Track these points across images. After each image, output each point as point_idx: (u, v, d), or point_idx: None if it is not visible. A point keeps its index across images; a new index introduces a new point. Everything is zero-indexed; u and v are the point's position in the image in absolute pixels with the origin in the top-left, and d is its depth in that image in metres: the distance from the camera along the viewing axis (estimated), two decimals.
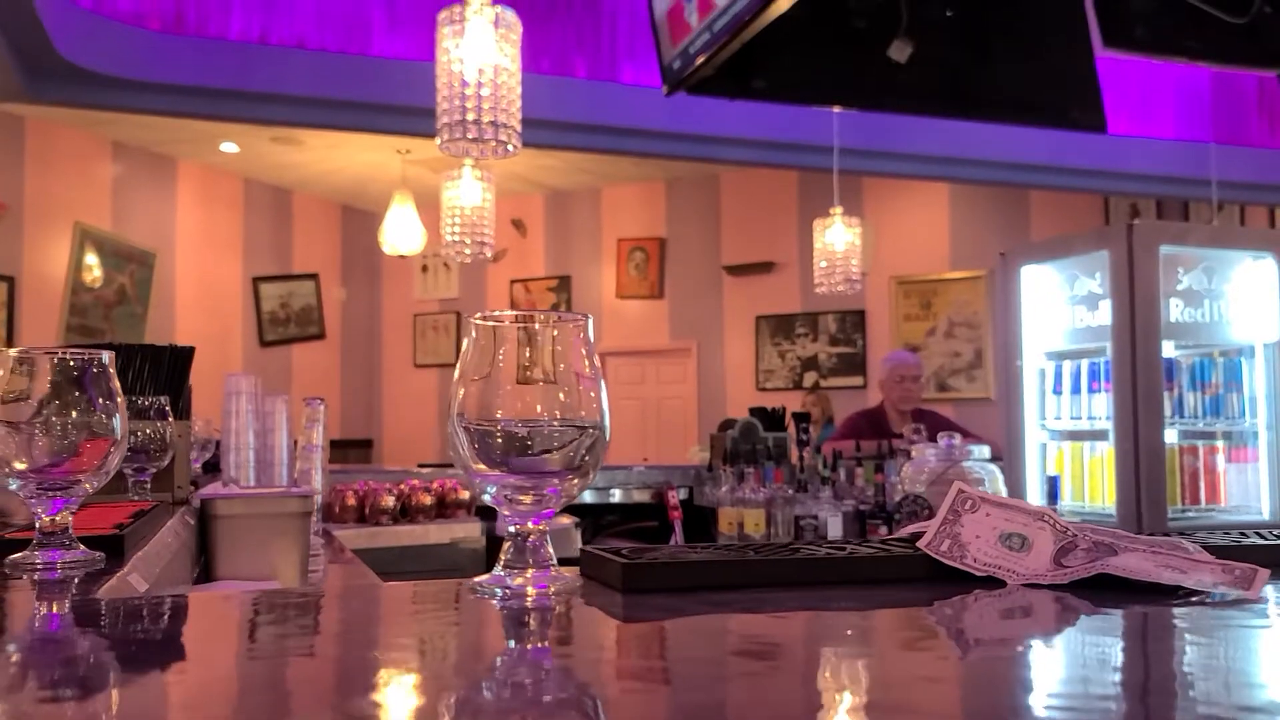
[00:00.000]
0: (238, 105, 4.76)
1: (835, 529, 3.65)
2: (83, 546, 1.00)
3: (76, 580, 0.94)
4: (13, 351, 1.01)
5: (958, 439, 2.81)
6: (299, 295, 8.43)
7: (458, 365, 0.80)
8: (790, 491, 3.73)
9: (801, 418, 4.12)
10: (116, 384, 1.03)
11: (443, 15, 2.70)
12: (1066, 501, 3.07)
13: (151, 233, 7.35)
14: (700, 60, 3.43)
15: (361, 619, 0.78)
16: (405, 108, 4.81)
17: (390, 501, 3.47)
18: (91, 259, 6.91)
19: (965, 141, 5.30)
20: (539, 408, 0.77)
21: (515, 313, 0.79)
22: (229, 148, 7.32)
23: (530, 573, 0.76)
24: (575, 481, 0.78)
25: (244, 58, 4.59)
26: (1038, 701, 0.50)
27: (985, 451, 2.81)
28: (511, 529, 0.78)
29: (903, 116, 4.71)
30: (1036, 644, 0.65)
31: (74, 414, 1.00)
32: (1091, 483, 3.06)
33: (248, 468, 2.97)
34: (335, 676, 0.58)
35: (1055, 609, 0.71)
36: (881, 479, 3.60)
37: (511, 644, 0.66)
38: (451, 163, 7.45)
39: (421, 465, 4.53)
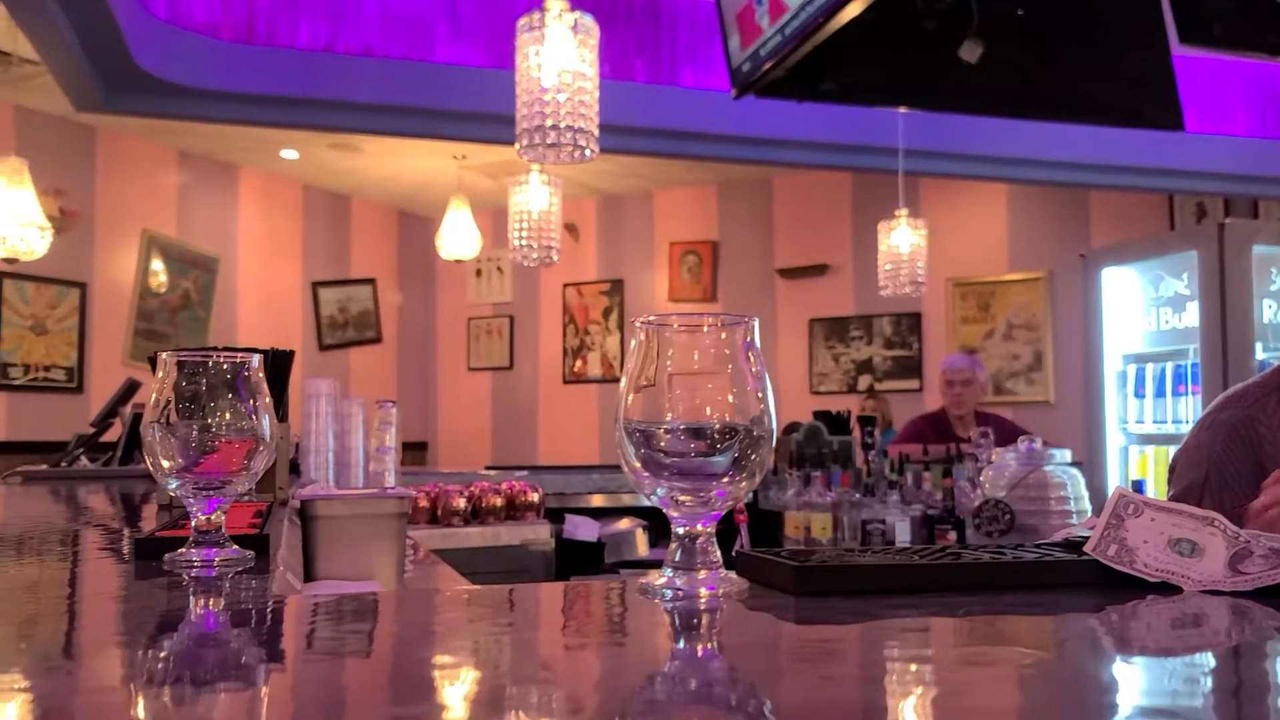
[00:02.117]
0: (305, 113, 4.84)
1: (903, 534, 3.62)
2: (235, 545, 1.03)
3: (230, 576, 0.97)
4: (168, 355, 1.03)
5: (1039, 443, 2.78)
6: (356, 300, 8.54)
7: (623, 368, 0.81)
8: (857, 495, 3.71)
9: (866, 421, 4.09)
10: (265, 387, 1.06)
11: (522, 22, 2.73)
12: None
13: (214, 238, 7.49)
14: (771, 63, 3.43)
15: (535, 617, 0.79)
16: (467, 113, 4.86)
17: (461, 503, 3.50)
18: (157, 265, 7.06)
19: (1028, 141, 5.24)
20: (707, 410, 0.78)
21: (681, 314, 0.80)
22: (289, 155, 7.44)
23: (700, 574, 0.77)
24: (743, 483, 0.78)
25: (311, 66, 4.67)
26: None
27: (1067, 455, 2.78)
28: (680, 530, 0.79)
29: (964, 117, 4.68)
30: (1234, 652, 0.65)
31: (227, 416, 1.03)
32: None
33: (327, 469, 3.02)
34: (555, 665, 0.59)
35: (1242, 617, 0.70)
36: (950, 483, 3.56)
37: (684, 644, 0.67)
38: (508, 168, 7.53)
39: (489, 467, 4.57)
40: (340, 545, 1.92)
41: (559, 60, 2.71)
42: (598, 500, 4.16)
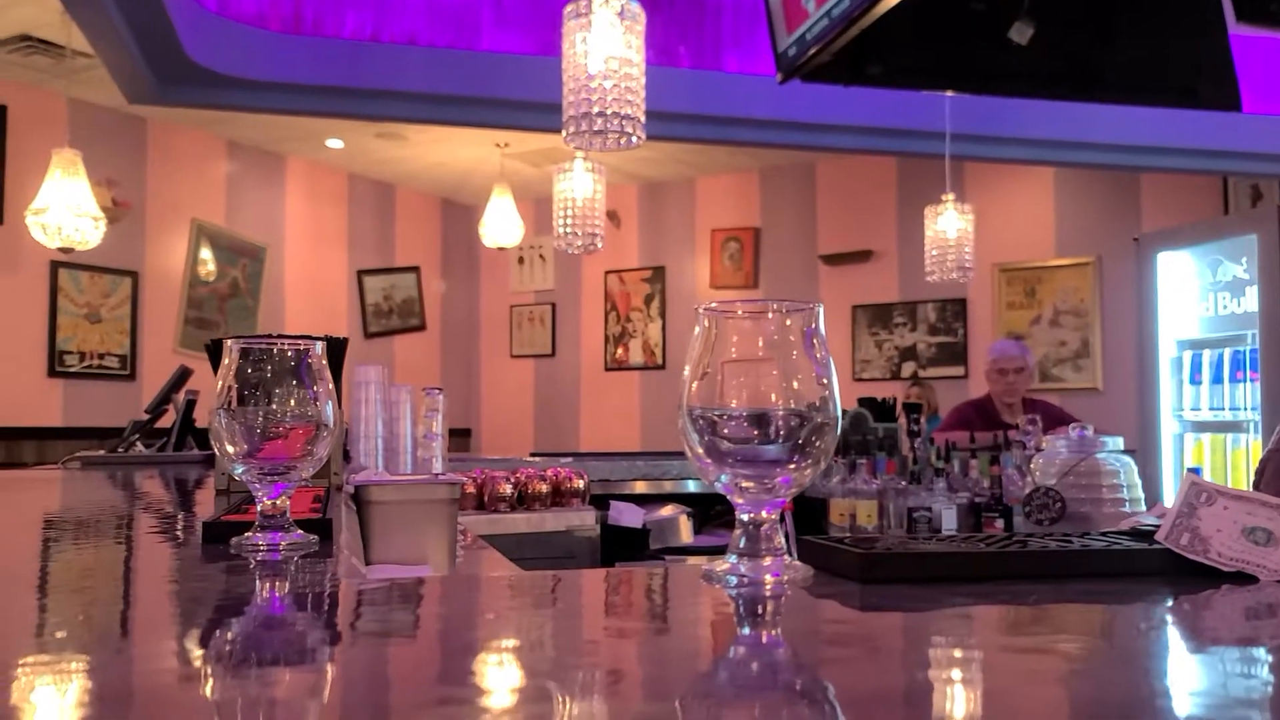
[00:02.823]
0: (351, 102, 4.88)
1: (949, 522, 3.58)
2: (299, 530, 1.04)
3: (296, 559, 0.98)
4: (232, 342, 1.05)
5: (1090, 430, 2.74)
6: (401, 287, 8.62)
7: (688, 356, 0.81)
8: (902, 483, 3.68)
9: (912, 408, 4.06)
10: (328, 374, 1.08)
11: (569, 8, 2.73)
12: None
13: (262, 228, 7.59)
14: (817, 47, 3.40)
15: (602, 602, 0.79)
16: (512, 101, 4.87)
17: (508, 489, 3.52)
18: (206, 254, 7.17)
19: (1077, 124, 5.15)
20: (771, 396, 0.78)
21: (745, 301, 0.80)
22: (335, 144, 7.51)
23: (765, 561, 0.77)
24: (807, 469, 0.78)
25: (357, 55, 4.70)
26: None
27: (1119, 443, 2.73)
28: (744, 517, 0.79)
29: (1012, 100, 4.60)
30: None
31: (291, 402, 1.04)
32: (1235, 476, 2.95)
33: (376, 455, 3.06)
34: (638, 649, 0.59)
35: None
36: (998, 471, 3.53)
37: (749, 631, 0.67)
38: (550, 156, 7.54)
39: (534, 454, 4.59)
40: (394, 530, 1.95)
41: (606, 47, 2.70)
42: (641, 487, 4.17)
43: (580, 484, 3.64)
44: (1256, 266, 2.89)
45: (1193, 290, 3.16)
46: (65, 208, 4.94)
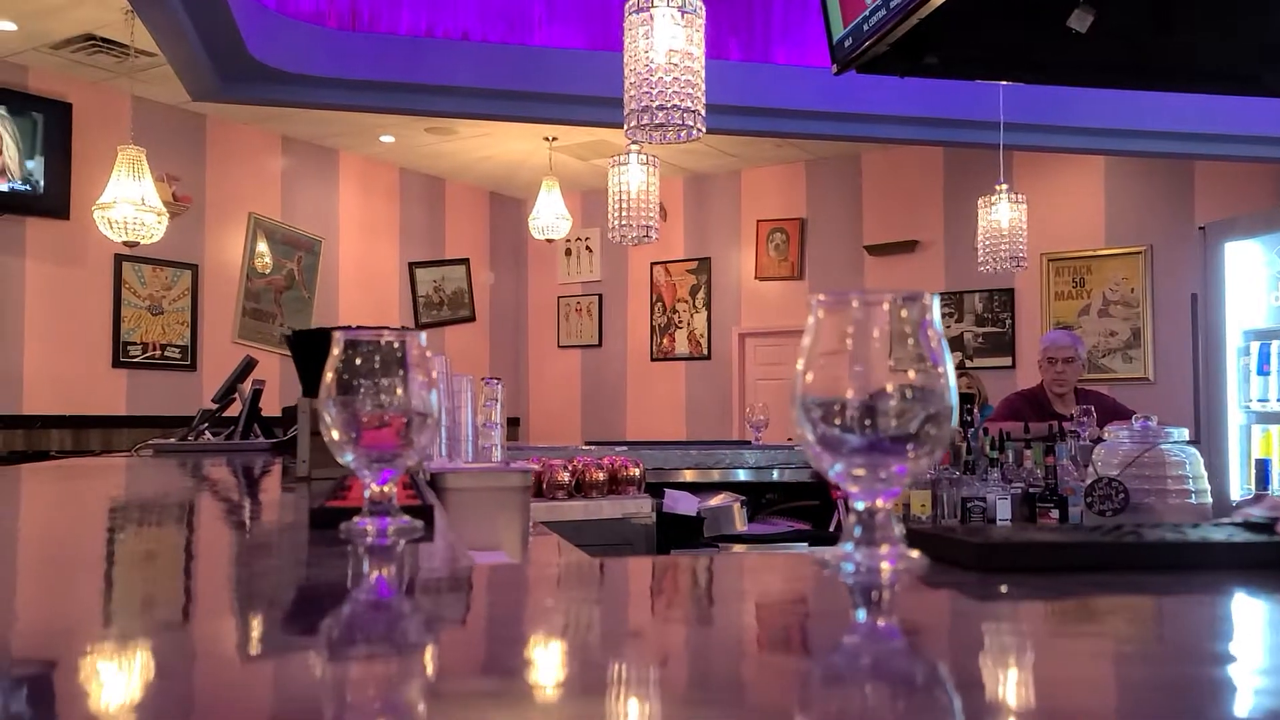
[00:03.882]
0: (407, 98, 4.94)
1: (1004, 512, 3.58)
2: (406, 515, 1.08)
3: (403, 544, 1.02)
4: (340, 334, 1.09)
5: (1154, 420, 2.72)
6: (451, 279, 8.71)
7: (802, 344, 0.83)
8: (956, 473, 3.67)
9: (965, 399, 4.04)
10: (429, 365, 1.11)
11: (630, 3, 2.75)
12: (1277, 488, 2.94)
13: (316, 221, 7.71)
14: (874, 38, 3.38)
15: (718, 588, 0.82)
16: (565, 96, 4.90)
17: (565, 477, 3.56)
18: (263, 247, 7.30)
19: (1131, 112, 5.08)
20: (885, 386, 0.80)
21: (860, 291, 0.82)
22: (387, 139, 7.60)
23: (881, 549, 0.79)
24: (922, 459, 0.80)
25: (413, 51, 4.76)
26: None
27: (1184, 434, 2.71)
28: (860, 506, 0.81)
29: (1065, 89, 4.55)
30: None
31: (399, 392, 1.08)
32: None
33: (440, 443, 3.11)
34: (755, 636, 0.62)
35: None
36: (1052, 461, 3.51)
37: (876, 620, 0.69)
38: (598, 149, 7.57)
39: (589, 443, 4.63)
40: (469, 516, 1.99)
41: (667, 41, 2.72)
42: (691, 475, 4.19)
43: (636, 472, 3.68)
44: None
45: (1260, 280, 3.12)
46: (130, 203, 5.06)
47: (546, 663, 0.54)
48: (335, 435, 1.08)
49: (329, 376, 1.08)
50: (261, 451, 3.25)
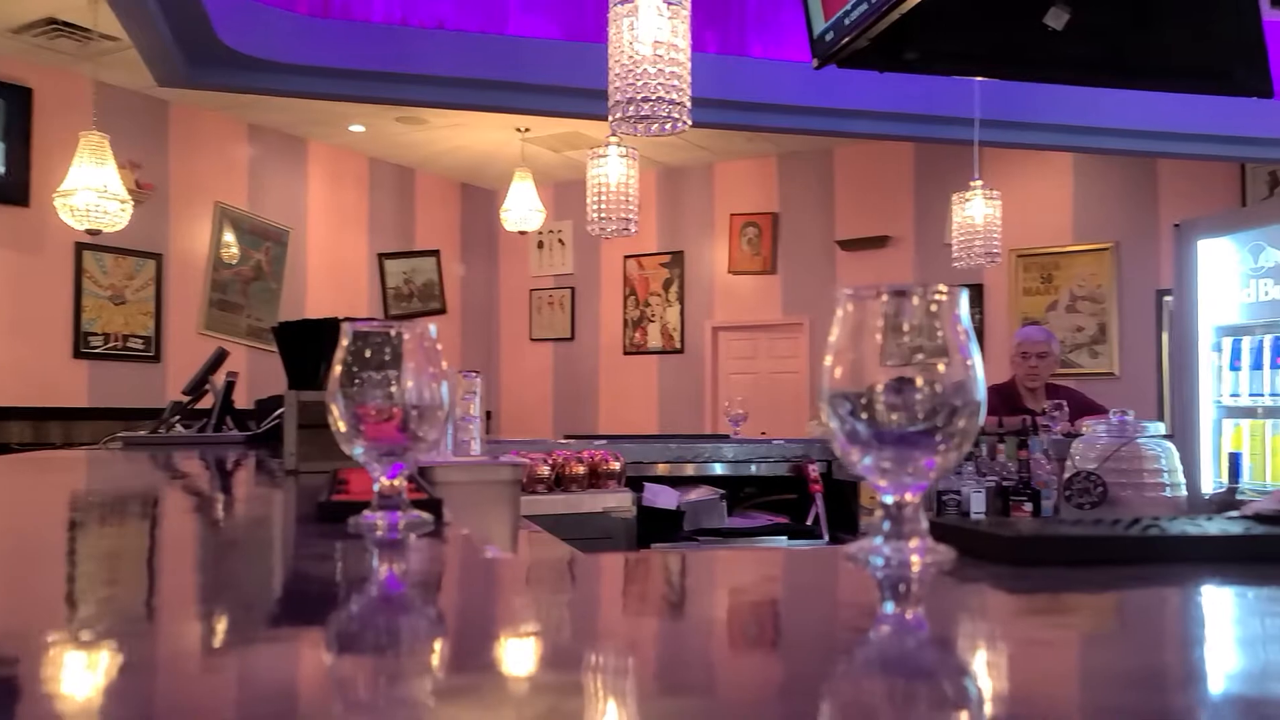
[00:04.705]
0: (379, 86, 4.88)
1: (978, 505, 3.62)
2: (415, 509, 1.06)
3: (414, 538, 1.00)
4: (348, 325, 1.07)
5: (1131, 415, 2.76)
6: (421, 271, 8.65)
7: (830, 338, 0.83)
8: None
9: None
10: (440, 357, 1.09)
11: None
12: (1248, 480, 2.99)
13: (284, 211, 7.61)
14: (855, 32, 3.39)
15: (737, 582, 0.81)
16: (540, 86, 4.87)
17: (546, 471, 3.55)
18: (229, 237, 7.19)
19: (1102, 110, 5.14)
20: (917, 379, 0.79)
21: (888, 285, 0.81)
22: (356, 128, 7.52)
23: (911, 543, 0.79)
24: (951, 453, 0.79)
25: (386, 40, 4.70)
26: None
27: (1160, 428, 2.75)
28: (888, 500, 0.81)
29: (1038, 85, 4.58)
30: None
31: (409, 384, 1.06)
32: (1275, 462, 2.97)
33: None
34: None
35: None
36: (1025, 455, 3.55)
37: (903, 612, 0.69)
38: (571, 141, 7.54)
39: (568, 436, 4.61)
40: (459, 510, 1.97)
41: (652, 32, 2.71)
42: (669, 469, 4.18)
43: (616, 466, 3.67)
44: None
45: (1232, 276, 3.17)
46: (92, 190, 4.96)
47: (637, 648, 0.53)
48: (344, 428, 1.06)
49: (338, 369, 1.06)
50: (237, 444, 3.20)
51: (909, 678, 0.51)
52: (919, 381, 0.80)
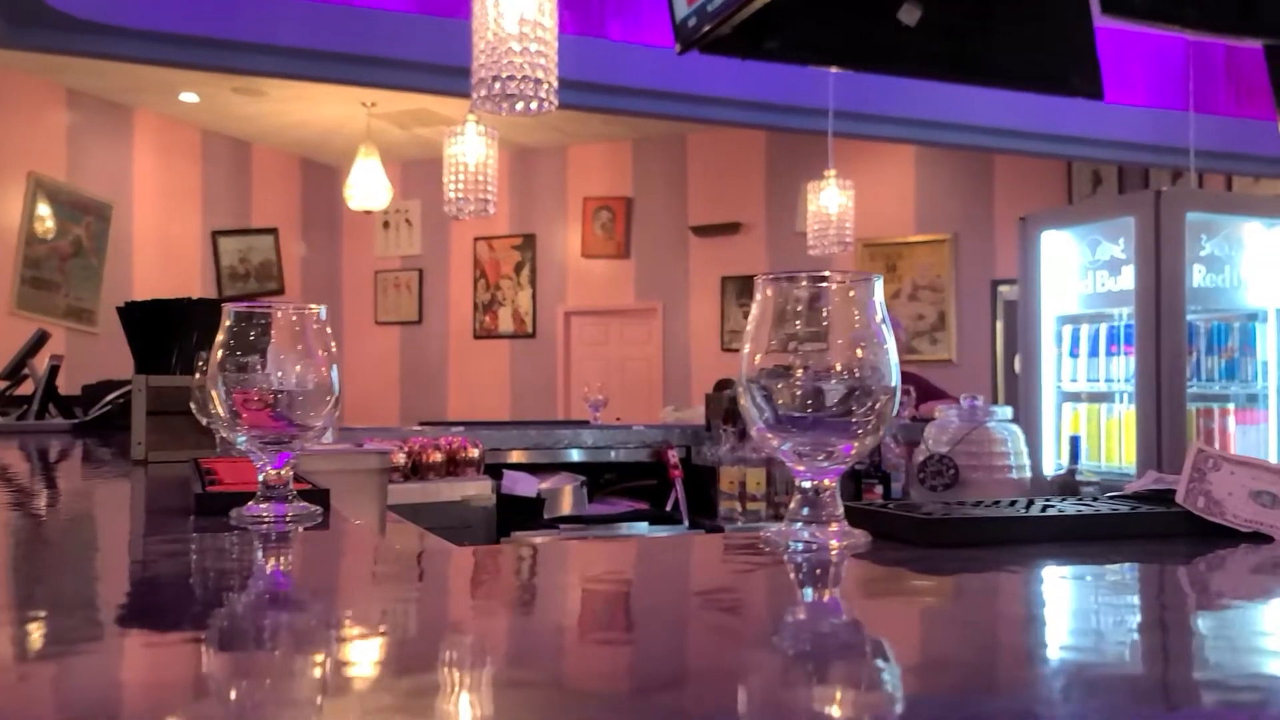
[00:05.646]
0: (218, 54, 4.61)
1: None
2: (302, 500, 1.00)
3: (302, 530, 0.95)
4: (231, 306, 1.00)
5: (981, 400, 2.89)
6: (258, 250, 8.25)
7: (749, 324, 0.82)
8: None
9: None
10: (331, 340, 1.03)
11: None
12: (1084, 461, 3.19)
13: (108, 184, 7.10)
14: (717, 19, 3.42)
15: (668, 569, 0.80)
16: (388, 60, 4.70)
17: (401, 459, 3.45)
18: (45, 209, 6.66)
19: (945, 105, 5.37)
20: (837, 366, 0.80)
21: (808, 272, 0.81)
22: (188, 98, 7.09)
23: (830, 527, 0.79)
24: (867, 438, 0.80)
25: (223, 4, 4.45)
26: None
27: (1008, 412, 2.89)
28: (805, 485, 0.81)
29: (889, 79, 4.75)
30: None
31: (297, 369, 1.00)
32: (1109, 443, 3.18)
33: None
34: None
35: None
36: None
37: (818, 596, 0.69)
38: (420, 118, 7.33)
39: (423, 422, 4.49)
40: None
41: (518, 9, 2.65)
42: (523, 456, 4.14)
43: (475, 453, 3.59)
44: (1133, 247, 3.10)
45: (1073, 268, 3.37)
46: None
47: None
48: (225, 416, 0.99)
49: (219, 353, 0.99)
50: (63, 433, 2.97)
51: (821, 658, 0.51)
52: (836, 367, 0.80)
